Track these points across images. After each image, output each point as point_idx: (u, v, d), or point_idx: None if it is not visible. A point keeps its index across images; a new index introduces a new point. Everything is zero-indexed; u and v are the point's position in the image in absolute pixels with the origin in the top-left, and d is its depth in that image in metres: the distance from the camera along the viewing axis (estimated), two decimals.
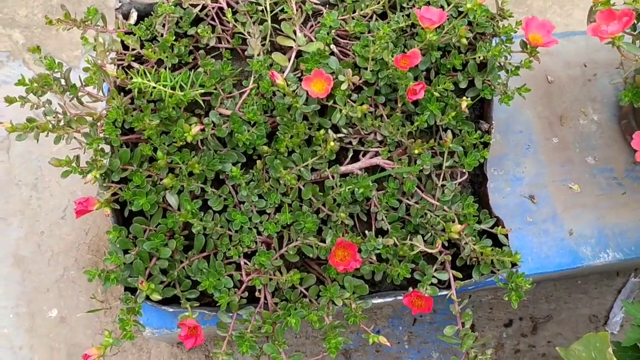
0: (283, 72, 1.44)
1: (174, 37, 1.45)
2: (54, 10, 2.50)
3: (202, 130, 1.35)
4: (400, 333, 2.46)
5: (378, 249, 1.38)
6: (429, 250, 1.41)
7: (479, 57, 1.52)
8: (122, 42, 1.44)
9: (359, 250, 1.33)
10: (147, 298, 1.29)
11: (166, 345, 2.33)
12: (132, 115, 1.37)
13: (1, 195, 2.39)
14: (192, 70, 1.43)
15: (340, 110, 1.44)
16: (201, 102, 1.40)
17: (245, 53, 1.47)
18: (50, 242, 2.41)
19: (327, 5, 1.59)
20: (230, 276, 1.37)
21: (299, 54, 1.48)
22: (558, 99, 1.97)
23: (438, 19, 1.40)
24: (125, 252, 1.32)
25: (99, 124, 1.36)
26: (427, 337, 2.46)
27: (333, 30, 1.50)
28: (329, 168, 1.44)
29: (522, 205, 1.82)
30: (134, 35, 1.46)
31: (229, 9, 1.46)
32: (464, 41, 1.47)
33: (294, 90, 1.40)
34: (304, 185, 1.43)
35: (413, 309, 1.34)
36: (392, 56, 1.42)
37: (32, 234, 2.43)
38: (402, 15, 1.56)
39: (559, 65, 1.98)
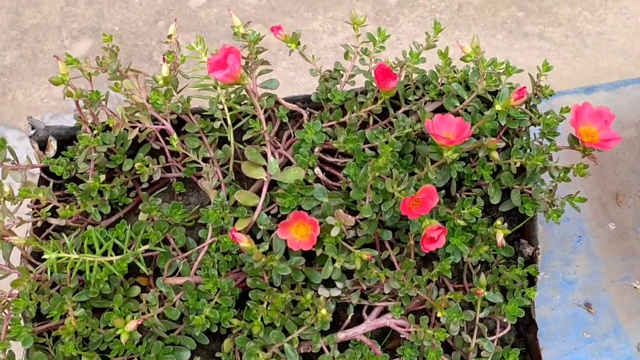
0: (254, 211, 1.07)
1: (104, 177, 1.08)
2: (7, 72, 2.15)
3: (145, 319, 0.99)
4: None
5: None
6: None
7: (515, 163, 1.13)
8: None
9: None
10: None
11: None
12: (49, 298, 1.01)
13: None
14: (133, 213, 1.06)
15: (333, 261, 1.07)
16: (144, 268, 1.04)
17: (203, 186, 1.10)
18: None
19: (307, 105, 1.20)
20: None
21: (273, 182, 1.11)
22: (611, 172, 1.56)
23: (457, 134, 1.01)
24: None
25: (5, 312, 1.00)
26: None
27: (317, 147, 1.12)
28: (323, 337, 1.08)
29: (577, 317, 1.43)
30: (49, 187, 1.09)
31: (175, 133, 1.08)
32: (495, 155, 1.08)
33: (268, 246, 1.03)
34: None
35: None
36: (398, 185, 1.04)
37: None
38: (409, 112, 1.17)
39: None
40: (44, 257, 0.97)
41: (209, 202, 1.11)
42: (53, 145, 1.14)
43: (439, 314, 1.06)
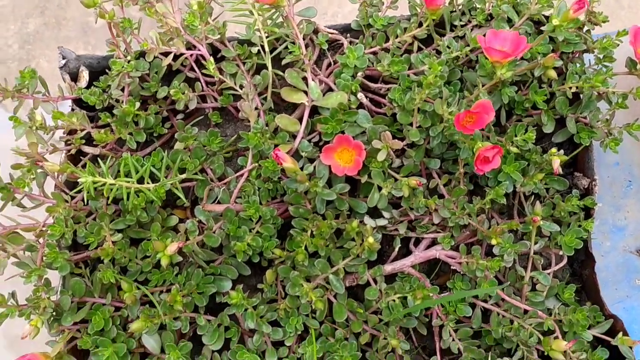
0: (294, 139, 1.02)
1: (138, 104, 1.04)
2: (30, 39, 2.13)
3: (185, 243, 0.94)
4: None
5: None
6: None
7: (570, 88, 1.07)
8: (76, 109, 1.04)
9: None
10: None
11: None
12: (86, 225, 0.97)
13: None
14: (168, 143, 1.02)
15: (380, 189, 1.01)
16: (182, 197, 0.99)
17: (240, 115, 1.05)
18: None
19: (349, 33, 1.14)
20: None
21: (314, 109, 1.05)
22: None
23: (513, 49, 0.94)
24: None
25: (40, 241, 0.97)
26: None
27: (359, 72, 1.06)
28: (369, 269, 1.02)
29: (628, 264, 1.36)
30: (83, 112, 1.05)
31: (211, 57, 1.03)
32: (552, 73, 1.01)
33: (310, 173, 0.98)
34: (335, 297, 1.02)
35: None
36: (448, 106, 0.98)
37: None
38: (455, 38, 1.11)
39: None
40: (79, 180, 0.93)
41: None
42: (85, 75, 1.10)
43: (492, 242, 1.00)
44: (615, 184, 1.43)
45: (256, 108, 1.05)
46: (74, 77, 1.11)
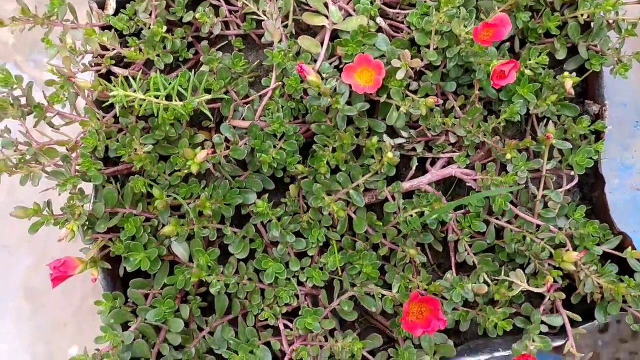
0: (315, 62, 1.06)
1: (166, 28, 1.07)
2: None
3: (213, 153, 0.98)
4: None
5: (466, 297, 1.01)
6: (534, 290, 1.03)
7: (582, 15, 1.10)
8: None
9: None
10: None
11: None
12: (117, 140, 1.01)
13: (4, 222, 2.10)
14: (194, 70, 1.06)
15: (398, 108, 1.05)
16: (208, 114, 1.03)
17: (263, 40, 1.09)
18: None
19: None
20: (268, 345, 1.01)
21: (335, 34, 1.09)
22: None
23: None
24: (125, 326, 0.98)
25: (74, 155, 1.01)
26: None
27: None
28: (387, 186, 1.06)
29: (635, 201, 1.41)
30: (113, 30, 1.09)
31: None
32: None
33: (332, 88, 1.02)
34: (355, 212, 1.06)
35: None
36: (465, 26, 1.01)
37: (43, 262, 2.13)
38: None
39: None
40: (112, 94, 0.97)
41: (270, 66, 1.10)
42: (112, 3, 1.14)
43: (507, 156, 1.04)
44: (624, 124, 1.48)
45: (280, 33, 1.08)
46: (102, 5, 1.15)
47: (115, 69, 1.07)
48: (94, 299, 2.25)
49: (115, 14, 1.13)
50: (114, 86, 0.99)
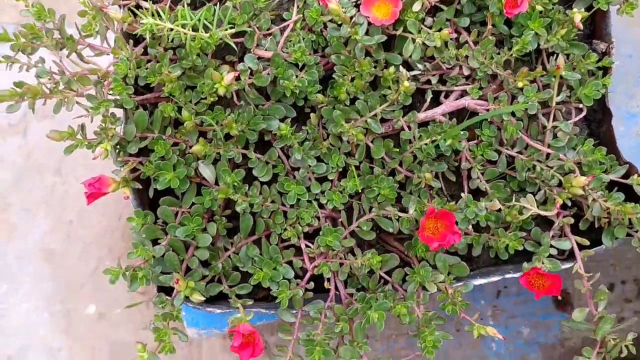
0: None
1: None
2: None
3: (237, 78, 1.03)
4: (482, 307, 2.13)
5: (479, 216, 1.05)
6: (545, 214, 1.07)
7: None
8: None
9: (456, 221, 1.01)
10: (187, 299, 1.01)
11: (217, 338, 2.07)
12: (146, 68, 1.06)
13: (22, 183, 2.15)
14: (218, 4, 1.10)
15: (414, 40, 1.10)
16: (233, 45, 1.08)
17: None
18: (80, 231, 2.16)
19: None
20: (290, 263, 1.06)
21: None
22: None
23: None
24: (155, 242, 1.03)
25: (105, 82, 1.06)
26: (514, 310, 2.13)
27: None
28: (403, 116, 1.11)
29: None
30: None
31: None
32: None
33: (351, 17, 1.07)
34: (372, 141, 1.11)
35: (534, 291, 1.02)
36: None
37: (60, 224, 2.19)
38: None
39: None
40: (142, 22, 1.02)
41: (291, 0, 1.15)
42: None
43: (519, 84, 1.09)
44: (629, 74, 1.53)
45: None
46: None
47: (144, 3, 1.12)
48: (110, 262, 2.31)
49: None
50: (141, 19, 1.04)
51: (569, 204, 1.11)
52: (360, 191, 1.08)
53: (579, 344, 2.11)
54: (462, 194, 1.06)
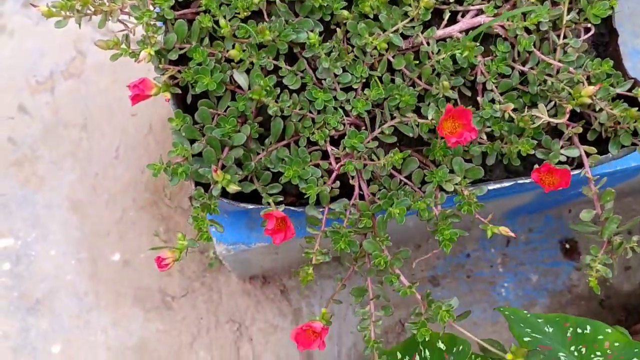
0: None
1: None
2: None
3: None
4: (492, 255, 2.21)
5: (493, 123, 1.13)
6: (555, 121, 1.15)
7: None
8: None
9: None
10: (223, 194, 1.09)
11: (237, 282, 2.16)
12: None
13: (50, 138, 2.25)
14: None
15: None
16: None
17: None
18: (105, 183, 2.26)
19: None
20: (317, 166, 1.15)
21: None
22: None
23: None
24: (192, 143, 1.11)
25: None
26: (523, 258, 2.20)
27: None
28: (422, 32, 1.19)
29: None
30: None
31: None
32: None
33: None
34: (393, 57, 1.19)
35: (545, 187, 1.09)
36: None
37: (86, 176, 2.29)
38: None
39: None
40: None
41: None
42: None
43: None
44: (635, 14, 1.60)
45: None
46: None
47: None
48: (134, 213, 2.40)
49: None
50: None
51: (577, 117, 1.18)
52: (382, 100, 1.16)
53: (586, 290, 2.18)
54: (478, 98, 1.14)
